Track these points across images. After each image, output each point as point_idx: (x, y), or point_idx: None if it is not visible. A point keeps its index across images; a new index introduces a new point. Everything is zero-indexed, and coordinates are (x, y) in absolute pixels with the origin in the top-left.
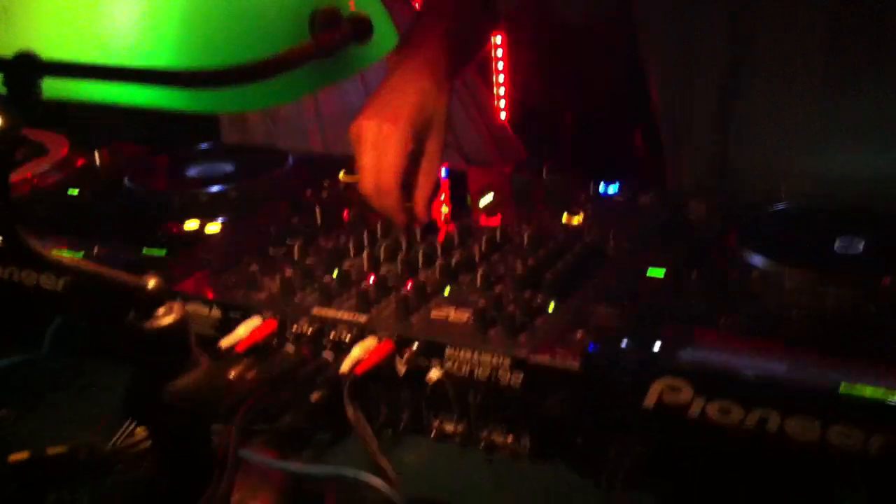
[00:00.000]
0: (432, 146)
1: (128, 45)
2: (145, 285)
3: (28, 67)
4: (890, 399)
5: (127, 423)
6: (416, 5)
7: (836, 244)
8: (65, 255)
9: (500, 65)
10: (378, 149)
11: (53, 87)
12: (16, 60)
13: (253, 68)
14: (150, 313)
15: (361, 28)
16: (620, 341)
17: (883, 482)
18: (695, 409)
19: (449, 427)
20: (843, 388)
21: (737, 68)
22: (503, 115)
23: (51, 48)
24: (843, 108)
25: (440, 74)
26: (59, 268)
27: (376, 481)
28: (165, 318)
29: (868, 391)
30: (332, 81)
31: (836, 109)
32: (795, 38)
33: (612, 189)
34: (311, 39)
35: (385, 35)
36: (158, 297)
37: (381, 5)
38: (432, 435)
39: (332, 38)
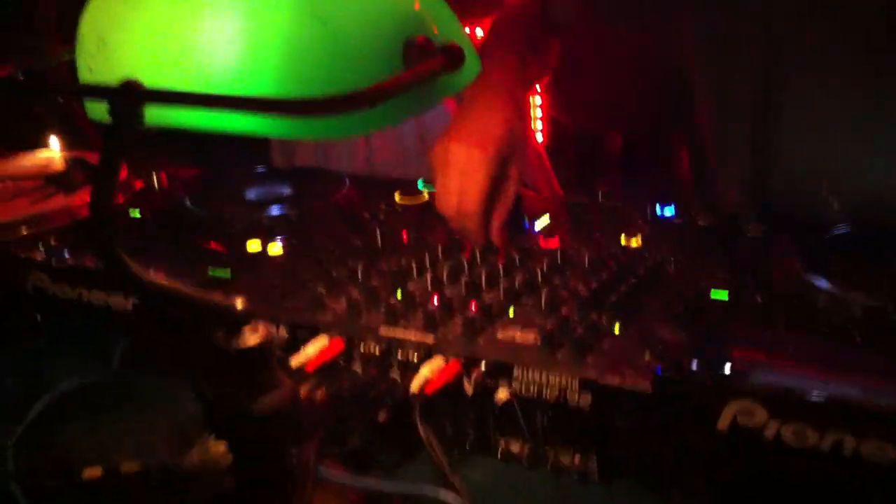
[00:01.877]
0: (513, 171)
1: (227, 72)
2: (234, 305)
3: (133, 95)
4: None
5: (203, 440)
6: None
7: None
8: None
9: (538, 86)
10: (465, 174)
11: (153, 115)
12: (121, 88)
13: (355, 97)
14: (237, 332)
15: (454, 57)
16: (690, 363)
17: None
18: (769, 432)
19: (515, 447)
20: None
21: (774, 84)
22: (539, 139)
23: (148, 77)
24: (884, 124)
25: (520, 98)
26: (154, 288)
27: (451, 498)
28: (252, 336)
29: None
30: (425, 108)
31: (877, 126)
32: (832, 53)
33: (669, 211)
34: (409, 69)
35: (471, 63)
36: (246, 317)
37: (464, 32)
38: (499, 455)
39: (430, 67)
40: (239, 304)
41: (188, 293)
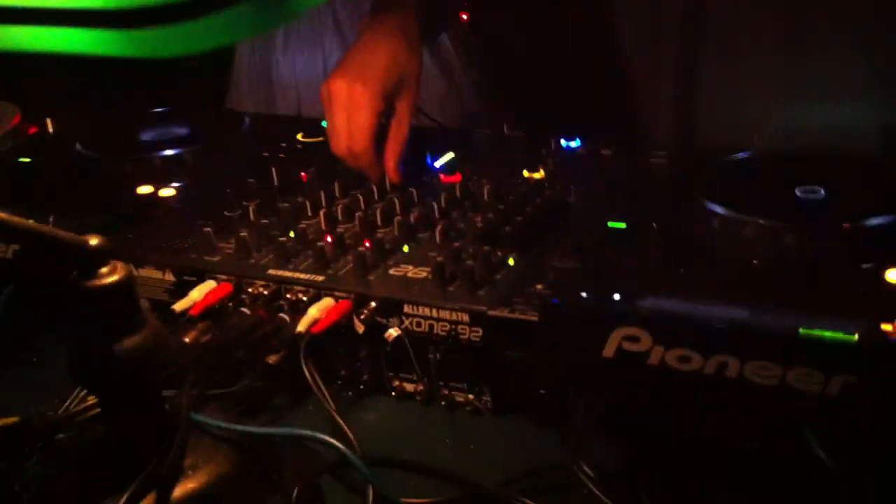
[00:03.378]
0: (402, 106)
1: None
2: (87, 243)
3: None
4: (847, 340)
5: (77, 390)
6: None
7: (797, 192)
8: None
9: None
10: (348, 109)
11: None
12: None
13: (188, 5)
14: (93, 272)
15: None
16: (579, 292)
17: (841, 420)
18: (654, 358)
19: (409, 386)
20: (803, 330)
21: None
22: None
23: None
24: (803, 64)
25: (411, 36)
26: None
27: (335, 442)
28: (109, 276)
29: (826, 334)
30: (273, 25)
31: (796, 66)
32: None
33: (575, 143)
34: None
35: None
36: (101, 256)
37: None
38: (393, 394)
39: None
40: (93, 241)
41: (39, 230)
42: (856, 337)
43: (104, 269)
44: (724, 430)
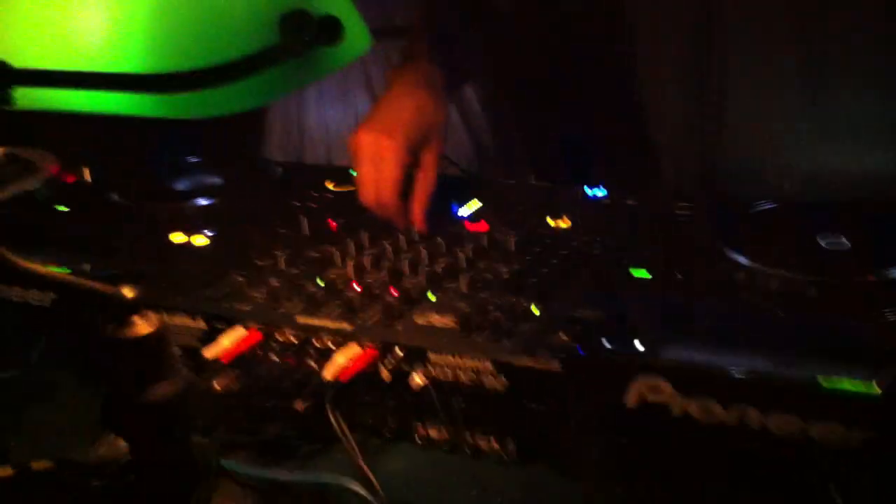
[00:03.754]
0: (428, 157)
1: (98, 50)
2: (121, 294)
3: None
4: (868, 392)
5: (106, 435)
6: None
7: (821, 242)
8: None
9: None
10: (375, 162)
11: (25, 97)
12: None
13: (221, 71)
14: (127, 322)
15: (331, 30)
16: (601, 341)
17: (863, 472)
18: (676, 408)
19: (434, 433)
20: (824, 382)
21: (713, 74)
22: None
23: (21, 57)
24: (820, 110)
25: (436, 87)
26: (38, 279)
27: (358, 488)
28: (141, 327)
29: (846, 384)
30: (303, 84)
31: (813, 112)
32: (768, 47)
33: (600, 193)
34: (280, 42)
35: (357, 37)
36: (135, 306)
37: (352, 7)
38: (418, 442)
39: (302, 40)
40: (128, 293)
41: (76, 283)
42: (877, 388)
43: (138, 319)
44: (746, 480)
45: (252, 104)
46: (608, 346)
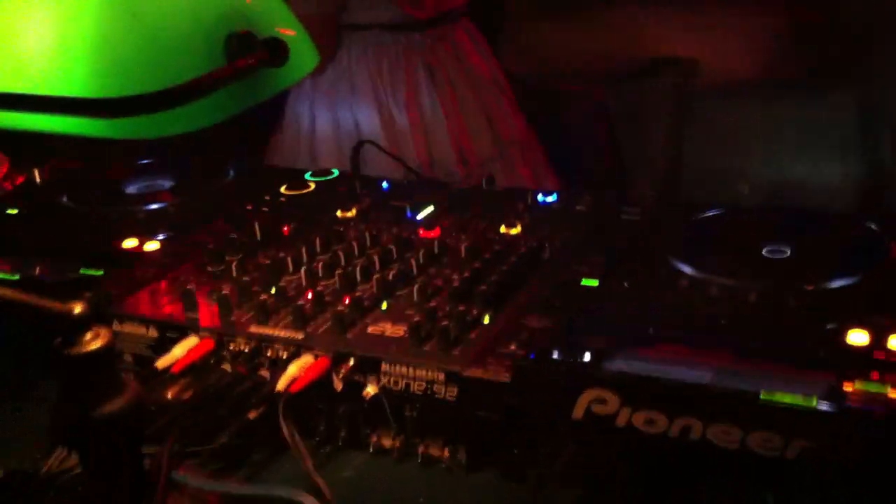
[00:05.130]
0: None
1: (42, 72)
2: (71, 310)
3: None
4: (806, 406)
5: (60, 449)
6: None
7: (764, 250)
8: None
9: None
10: None
11: None
12: None
13: (167, 95)
14: (76, 339)
15: (277, 51)
16: (551, 353)
17: (799, 484)
18: (621, 420)
19: (387, 441)
20: (764, 395)
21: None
22: None
23: None
24: (781, 122)
25: None
26: None
27: (309, 500)
28: (92, 343)
29: (787, 398)
30: (251, 103)
31: (776, 123)
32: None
33: (551, 198)
34: (227, 64)
35: (304, 57)
36: (84, 323)
37: (299, 25)
38: (370, 450)
39: (247, 62)
40: (77, 308)
41: (24, 300)
42: (814, 402)
43: (87, 336)
44: (690, 491)
45: (198, 124)
46: (557, 356)
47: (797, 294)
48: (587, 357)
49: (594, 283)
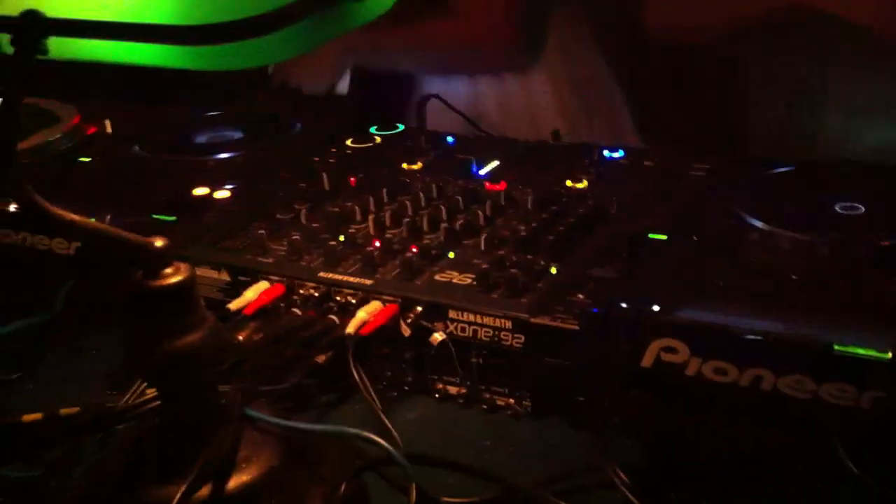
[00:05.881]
0: None
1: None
2: (152, 244)
3: (34, 26)
4: (881, 358)
5: (138, 384)
6: None
7: (836, 205)
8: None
9: None
10: None
11: (58, 47)
12: (22, 19)
13: (251, 24)
14: (157, 272)
15: None
16: (619, 302)
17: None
18: (691, 369)
19: (452, 389)
20: (837, 346)
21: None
22: None
23: (54, 6)
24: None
25: None
26: (69, 227)
27: (379, 440)
28: (173, 277)
29: (861, 350)
30: (328, 38)
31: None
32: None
33: (618, 154)
34: None
35: None
36: (166, 257)
37: None
38: (435, 396)
39: None
40: (158, 242)
41: (107, 231)
42: (889, 354)
43: (168, 270)
44: (756, 441)
45: (278, 58)
46: (625, 305)
47: (870, 249)
48: (656, 307)
49: (663, 237)
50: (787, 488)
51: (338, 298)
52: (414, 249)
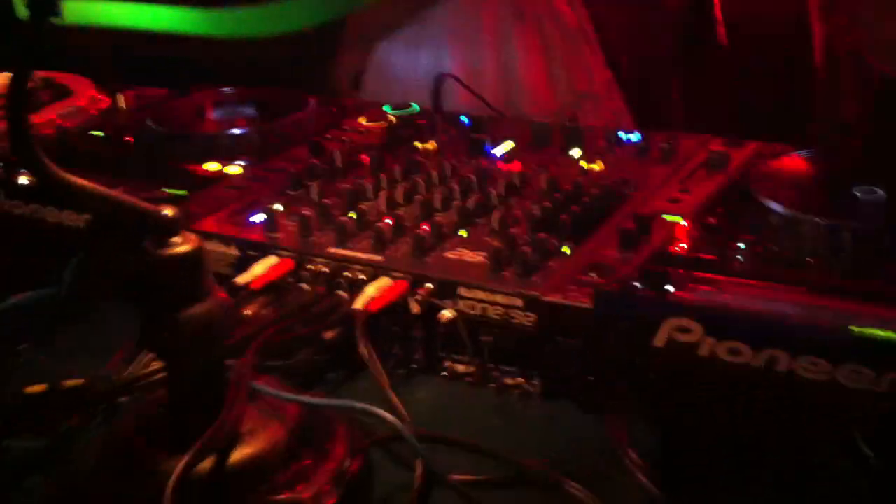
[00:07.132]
0: None
1: None
2: (162, 213)
3: None
4: None
5: (143, 355)
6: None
7: (854, 189)
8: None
9: None
10: None
11: (75, 11)
12: None
13: None
14: (166, 242)
15: None
16: (633, 282)
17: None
18: (704, 350)
19: (461, 367)
20: (855, 329)
21: None
22: None
23: None
24: None
25: None
26: (78, 193)
27: (387, 415)
28: (181, 246)
29: (879, 333)
30: (342, 12)
31: None
32: None
33: (634, 137)
34: None
35: None
36: (175, 226)
37: None
38: (444, 374)
39: None
40: (167, 211)
41: (117, 198)
42: None
43: (177, 239)
44: (771, 425)
45: (295, 25)
46: (639, 285)
47: (889, 235)
48: (669, 287)
49: (678, 218)
50: (802, 476)
51: (347, 275)
52: (426, 227)
